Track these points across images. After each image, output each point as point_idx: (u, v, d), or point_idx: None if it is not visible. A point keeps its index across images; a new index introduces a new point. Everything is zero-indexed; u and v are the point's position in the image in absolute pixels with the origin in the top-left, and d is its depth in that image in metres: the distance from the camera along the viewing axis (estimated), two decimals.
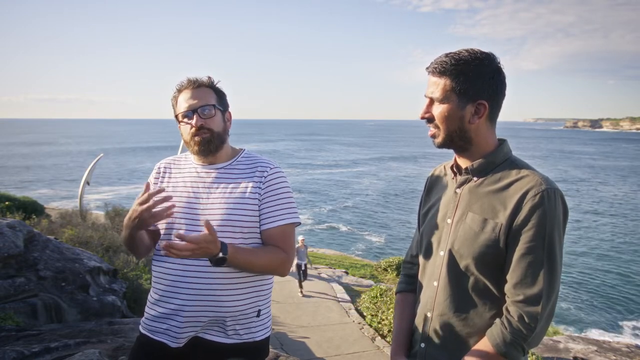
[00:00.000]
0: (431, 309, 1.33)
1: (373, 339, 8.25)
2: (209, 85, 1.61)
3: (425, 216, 1.45)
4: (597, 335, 13.10)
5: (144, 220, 1.45)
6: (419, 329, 1.37)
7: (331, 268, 14.41)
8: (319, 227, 27.40)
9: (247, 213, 1.54)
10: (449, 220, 1.32)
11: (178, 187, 1.61)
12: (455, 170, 1.37)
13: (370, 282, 12.83)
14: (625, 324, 15.13)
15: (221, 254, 1.39)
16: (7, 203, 10.65)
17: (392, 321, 8.29)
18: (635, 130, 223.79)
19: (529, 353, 5.34)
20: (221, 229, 1.50)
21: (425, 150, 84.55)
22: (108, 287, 5.49)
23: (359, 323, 9.02)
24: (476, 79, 1.21)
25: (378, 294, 9.22)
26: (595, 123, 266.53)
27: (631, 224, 28.43)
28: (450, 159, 1.43)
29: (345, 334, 8.47)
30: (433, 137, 1.31)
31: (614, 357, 6.65)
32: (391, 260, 14.82)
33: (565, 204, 1.20)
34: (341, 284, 12.07)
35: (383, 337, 8.34)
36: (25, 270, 4.66)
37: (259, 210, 1.56)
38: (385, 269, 14.28)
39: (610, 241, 24.54)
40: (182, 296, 1.49)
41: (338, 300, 10.08)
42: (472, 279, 1.25)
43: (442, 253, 1.32)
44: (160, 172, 1.69)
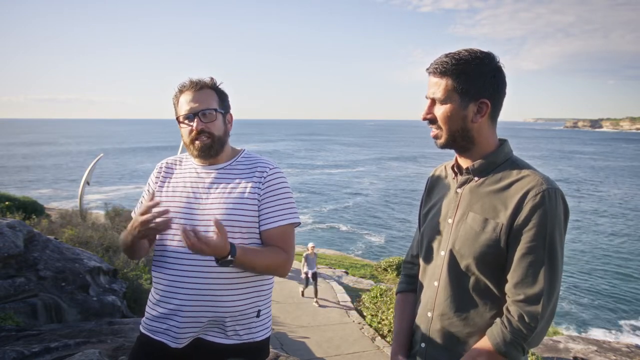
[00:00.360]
0: (432, 308, 1.33)
1: (373, 339, 8.25)
2: (211, 87, 1.59)
3: (426, 216, 1.45)
4: (598, 335, 13.10)
5: (145, 231, 1.44)
6: (420, 329, 1.37)
7: (331, 268, 14.41)
8: (319, 227, 27.40)
9: (247, 213, 1.53)
10: (450, 220, 1.32)
11: (178, 187, 1.61)
12: (456, 170, 1.37)
13: (370, 282, 12.83)
14: (625, 323, 15.14)
15: (230, 257, 1.39)
16: (7, 203, 10.64)
17: (392, 321, 8.29)
18: (635, 130, 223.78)
19: (529, 353, 5.34)
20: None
21: (425, 150, 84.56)
22: (108, 287, 5.49)
23: (359, 323, 9.02)
24: (477, 78, 1.22)
25: (378, 294, 9.22)
26: (595, 123, 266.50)
27: (631, 223, 28.44)
28: (451, 158, 1.43)
29: (345, 334, 8.47)
30: (436, 137, 1.31)
31: (614, 357, 6.65)
32: (391, 260, 14.83)
33: (566, 203, 1.20)
34: (341, 284, 12.07)
35: (383, 337, 8.34)
36: (25, 270, 4.66)
37: (259, 211, 1.55)
38: (385, 269, 14.28)
39: (610, 241, 24.54)
40: (182, 296, 1.49)
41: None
42: (472, 278, 1.25)
43: (442, 253, 1.32)
44: (161, 172, 1.68)
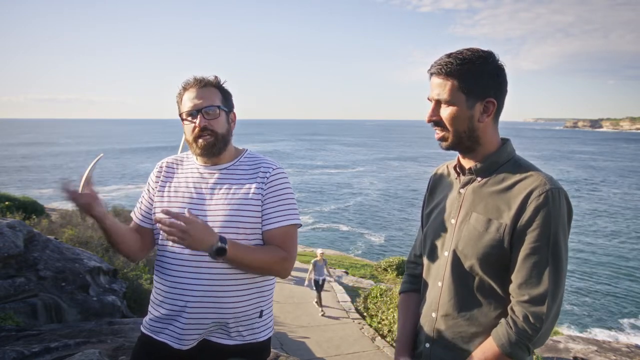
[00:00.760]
0: (436, 309, 1.33)
1: (373, 339, 8.25)
2: (215, 85, 1.59)
3: (429, 216, 1.45)
4: (598, 335, 13.11)
5: (80, 206, 1.52)
6: (424, 329, 1.37)
7: (331, 268, 14.41)
8: (319, 227, 27.41)
9: (251, 214, 1.53)
10: (453, 221, 1.32)
11: (180, 188, 1.59)
12: (458, 170, 1.36)
13: (370, 282, 12.83)
14: (625, 322, 15.15)
15: (220, 243, 1.40)
16: (7, 203, 10.64)
17: (392, 321, 8.29)
18: (635, 130, 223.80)
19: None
20: (225, 230, 1.49)
21: (425, 150, 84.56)
22: (108, 287, 5.49)
23: (359, 323, 9.02)
24: (482, 77, 1.21)
25: (378, 294, 9.22)
26: (595, 123, 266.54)
27: (631, 223, 28.45)
28: (452, 158, 1.42)
29: (345, 334, 8.47)
30: (441, 139, 1.29)
31: (614, 357, 6.65)
32: (391, 260, 14.83)
33: (570, 203, 1.20)
34: (341, 284, 12.07)
35: (383, 337, 8.34)
36: (25, 270, 4.66)
37: (261, 212, 1.55)
38: (385, 269, 14.28)
39: (610, 241, 24.55)
40: (185, 298, 1.48)
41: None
42: (476, 279, 1.25)
43: (446, 253, 1.32)
44: (161, 171, 1.67)
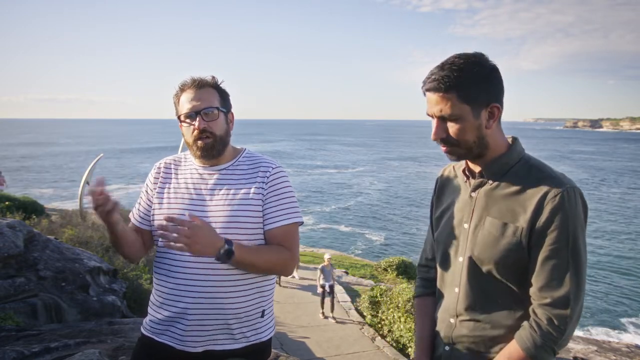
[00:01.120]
0: (454, 314, 1.31)
1: (373, 339, 8.25)
2: (213, 86, 1.57)
3: (439, 220, 1.41)
4: (599, 334, 13.11)
5: (102, 208, 1.42)
6: (442, 334, 1.35)
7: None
8: (319, 227, 27.41)
9: (252, 215, 1.52)
10: (466, 225, 1.29)
11: (180, 190, 1.58)
12: (467, 173, 1.32)
13: (370, 282, 12.84)
14: (626, 321, 15.15)
15: (227, 246, 1.39)
16: (7, 203, 10.64)
17: (392, 321, 8.29)
18: (635, 130, 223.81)
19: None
20: (226, 231, 1.48)
21: (425, 150, 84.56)
22: (108, 287, 5.49)
23: (359, 323, 9.02)
24: (482, 83, 1.18)
25: (378, 294, 9.22)
26: (595, 123, 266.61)
27: (631, 223, 28.45)
28: None
29: (345, 334, 8.48)
30: (450, 153, 1.25)
31: (614, 357, 6.65)
32: (391, 260, 14.83)
33: (585, 201, 1.18)
34: (341, 284, 12.07)
35: (383, 337, 8.35)
36: (25, 270, 4.66)
37: (262, 211, 1.54)
38: (385, 269, 14.28)
39: (609, 240, 24.54)
40: (186, 300, 1.47)
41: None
42: (494, 283, 1.23)
43: (461, 259, 1.29)
44: (160, 172, 1.65)
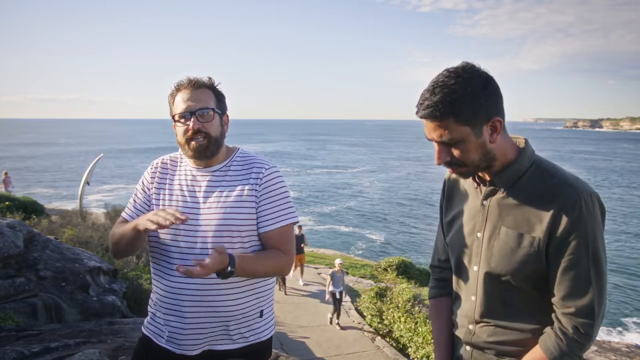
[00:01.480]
0: (472, 321, 1.31)
1: (373, 339, 8.25)
2: (209, 87, 1.56)
3: (450, 225, 1.39)
4: (600, 334, 13.11)
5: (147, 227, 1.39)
6: (462, 338, 1.35)
7: (331, 268, 14.41)
8: (319, 227, 27.40)
9: (245, 217, 1.51)
10: (479, 235, 1.27)
11: (174, 191, 1.57)
12: (478, 180, 1.29)
13: (370, 282, 12.83)
14: (626, 321, 15.14)
15: (229, 268, 1.38)
16: (7, 203, 10.64)
17: (391, 321, 8.29)
18: (635, 130, 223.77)
19: None
20: (219, 234, 1.47)
21: (425, 150, 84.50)
22: (108, 287, 5.49)
23: (359, 323, 9.02)
24: (477, 101, 1.13)
25: (378, 294, 9.22)
26: (595, 123, 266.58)
27: (631, 223, 28.44)
28: None
29: (345, 334, 8.48)
30: (459, 174, 1.24)
31: (614, 357, 6.64)
32: (391, 260, 14.81)
33: (603, 205, 1.16)
34: None
35: (383, 337, 8.35)
36: (25, 270, 4.66)
37: (257, 212, 1.53)
38: (385, 269, 14.27)
39: (611, 240, 24.54)
40: (184, 302, 1.47)
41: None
42: (512, 291, 1.22)
43: (475, 268, 1.28)
44: (156, 172, 1.64)
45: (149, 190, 1.63)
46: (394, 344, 8.00)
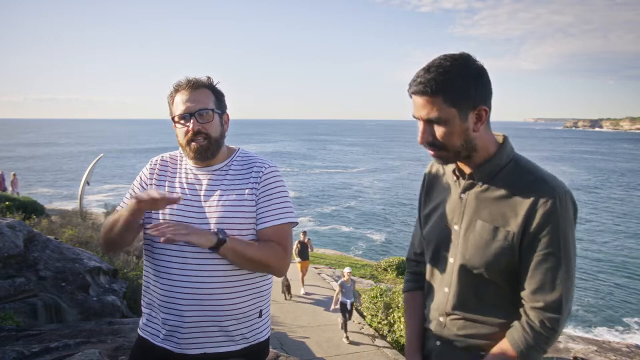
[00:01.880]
0: (444, 313, 1.33)
1: (373, 339, 8.24)
2: (208, 87, 1.55)
3: (428, 218, 1.41)
4: (601, 334, 13.12)
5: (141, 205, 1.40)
6: (433, 330, 1.37)
7: (331, 268, 14.40)
8: (319, 227, 27.40)
9: (246, 216, 1.51)
10: (456, 227, 1.29)
11: (175, 189, 1.57)
12: (457, 173, 1.32)
13: (370, 282, 12.83)
14: (628, 320, 15.14)
15: (221, 236, 1.41)
16: (7, 203, 10.63)
17: (391, 321, 8.29)
18: (635, 130, 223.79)
19: None
20: None
21: (425, 151, 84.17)
22: (108, 287, 5.49)
23: (359, 323, 9.02)
24: (468, 86, 1.16)
25: (378, 294, 9.22)
26: (595, 123, 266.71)
27: (631, 222, 28.45)
28: None
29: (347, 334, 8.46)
30: (438, 157, 1.25)
31: (614, 357, 6.65)
32: (391, 260, 14.83)
33: (575, 204, 1.19)
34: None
35: (383, 337, 8.34)
36: (25, 270, 4.66)
37: (256, 211, 1.53)
38: (385, 269, 14.28)
39: (609, 240, 24.54)
40: (183, 302, 1.46)
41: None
42: (485, 284, 1.24)
43: (451, 260, 1.30)
44: (155, 169, 1.63)
45: (147, 186, 1.61)
46: (394, 344, 8.00)
